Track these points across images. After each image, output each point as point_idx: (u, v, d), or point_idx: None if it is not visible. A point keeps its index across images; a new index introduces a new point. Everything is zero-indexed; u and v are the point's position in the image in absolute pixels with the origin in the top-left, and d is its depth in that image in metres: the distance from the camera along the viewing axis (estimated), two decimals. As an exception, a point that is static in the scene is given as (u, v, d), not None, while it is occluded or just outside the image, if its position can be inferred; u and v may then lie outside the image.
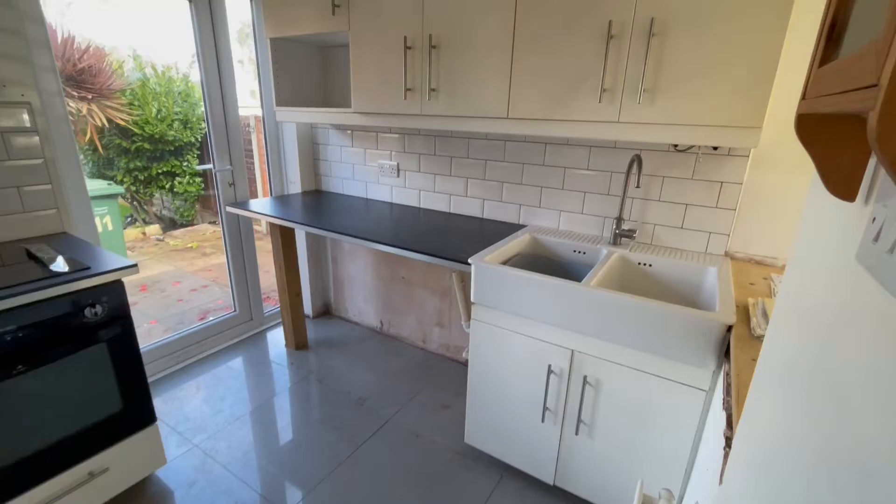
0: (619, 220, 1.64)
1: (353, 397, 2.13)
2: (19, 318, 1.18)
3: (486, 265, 1.44)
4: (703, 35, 1.18)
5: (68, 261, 1.35)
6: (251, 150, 5.10)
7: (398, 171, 2.31)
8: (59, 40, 4.19)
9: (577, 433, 1.43)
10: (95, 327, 1.34)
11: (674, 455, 1.27)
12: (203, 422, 1.95)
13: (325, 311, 2.99)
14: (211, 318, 2.60)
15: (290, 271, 2.39)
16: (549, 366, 1.41)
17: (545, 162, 1.86)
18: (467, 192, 2.12)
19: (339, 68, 2.36)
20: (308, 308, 2.88)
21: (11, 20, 1.49)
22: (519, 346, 1.47)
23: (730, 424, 0.80)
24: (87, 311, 1.30)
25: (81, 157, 1.73)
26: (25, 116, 1.55)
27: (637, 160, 1.50)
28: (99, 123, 4.49)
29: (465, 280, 2.18)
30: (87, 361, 1.34)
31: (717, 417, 1.01)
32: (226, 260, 2.57)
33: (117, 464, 1.46)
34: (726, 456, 0.75)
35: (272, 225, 2.25)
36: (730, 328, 1.09)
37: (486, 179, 2.04)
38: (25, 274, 1.26)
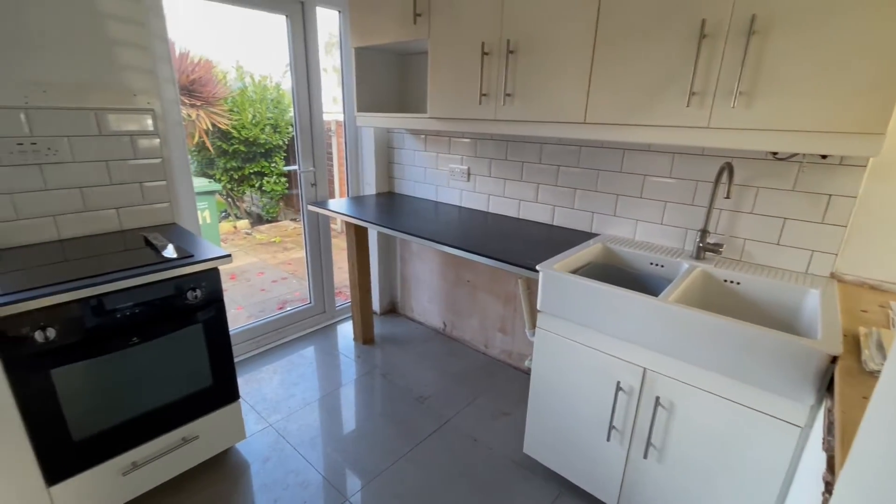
0: (704, 232, 1.52)
1: (415, 395, 2.18)
2: (136, 297, 1.36)
3: (554, 273, 1.41)
4: (814, 31, 1.07)
5: (177, 248, 1.53)
6: (331, 154, 5.42)
7: (468, 175, 2.34)
8: (177, 54, 4.77)
9: (645, 457, 1.34)
10: (194, 309, 1.50)
11: (758, 494, 1.15)
12: (278, 404, 2.10)
13: (392, 309, 3.09)
14: (289, 308, 2.80)
15: (362, 268, 2.50)
16: (618, 382, 1.34)
17: (623, 168, 1.78)
18: (538, 197, 2.08)
19: (416, 75, 2.43)
20: (376, 305, 3.00)
21: (143, 38, 1.72)
22: (586, 358, 1.41)
23: (831, 468, 0.71)
24: (189, 294, 1.47)
25: (189, 157, 1.95)
26: (149, 121, 1.78)
27: (728, 168, 1.38)
28: (204, 127, 5.03)
29: (531, 287, 2.14)
30: (186, 339, 1.51)
31: (814, 458, 0.90)
32: (304, 255, 2.76)
33: (205, 433, 1.62)
34: (825, 503, 0.67)
35: (348, 224, 2.38)
36: (834, 359, 0.96)
37: (557, 185, 2.00)
38: (143, 258, 1.45)
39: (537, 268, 1.45)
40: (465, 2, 1.69)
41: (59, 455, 1.29)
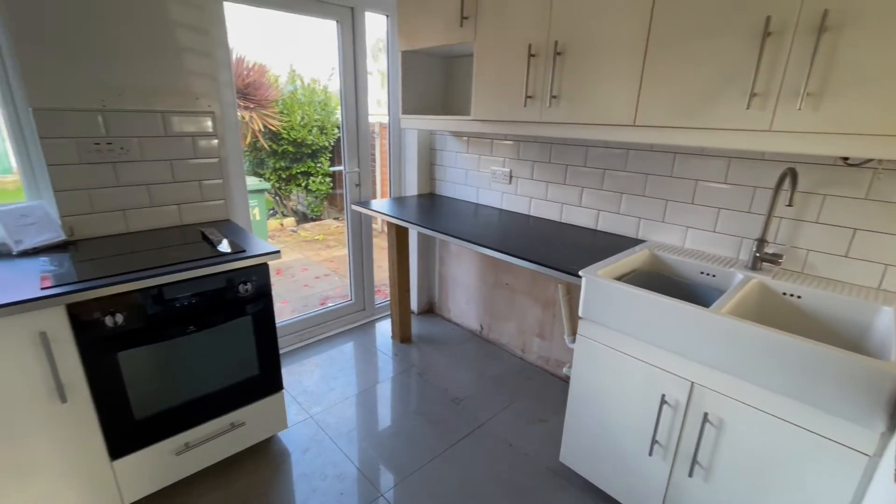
0: (762, 241, 1.44)
1: (451, 396, 2.18)
2: (194, 287, 1.45)
3: (598, 279, 1.37)
4: (893, 27, 0.98)
5: (230, 243, 1.61)
6: (373, 155, 5.54)
7: (510, 177, 2.32)
8: (234, 59, 5.03)
9: (690, 475, 1.28)
10: (245, 301, 1.58)
11: (817, 524, 1.07)
12: (318, 396, 2.17)
13: (429, 309, 3.12)
14: (330, 305, 2.89)
15: (402, 268, 2.54)
16: (663, 396, 1.29)
17: (673, 173, 1.71)
18: (581, 201, 2.04)
19: (461, 78, 2.45)
20: (414, 304, 3.03)
21: (206, 45, 1.83)
22: (629, 368, 1.37)
23: (906, 502, 0.65)
24: (241, 288, 1.54)
25: (242, 157, 2.06)
26: (209, 123, 1.89)
27: (791, 174, 1.30)
28: (257, 128, 5.28)
29: (571, 293, 2.10)
30: (237, 330, 1.59)
31: (884, 490, 0.83)
32: (347, 253, 2.84)
33: (251, 421, 1.70)
34: (898, 539, 0.61)
35: (389, 224, 2.42)
36: (911, 384, 0.88)
37: (603, 189, 1.95)
38: (200, 252, 1.54)
39: (580, 273, 1.42)
40: (513, 4, 1.68)
41: (122, 432, 1.40)
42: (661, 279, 1.64)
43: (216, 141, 1.92)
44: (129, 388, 1.38)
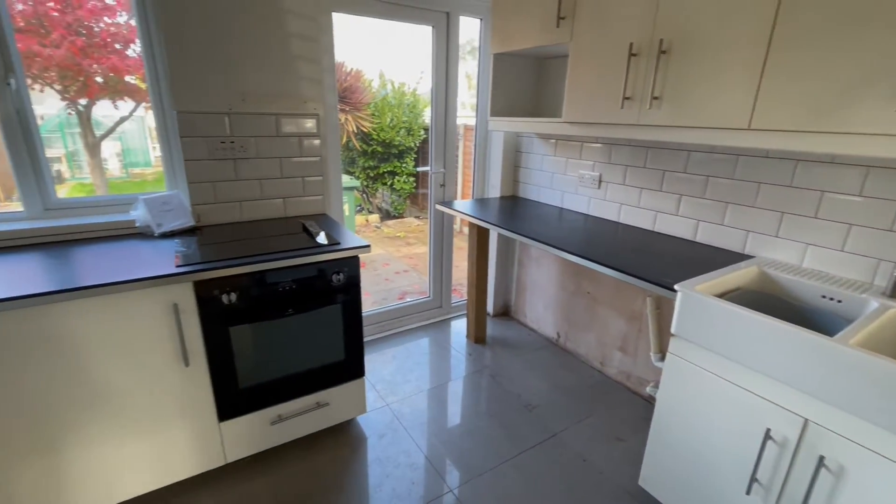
0: (907, 265, 1.23)
1: (523, 402, 2.15)
2: (293, 274, 1.59)
3: (696, 295, 1.27)
4: None
5: (327, 236, 1.74)
6: (456, 156, 5.63)
7: (599, 182, 2.23)
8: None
9: (797, 523, 1.14)
10: (336, 290, 1.70)
11: None
12: (395, 386, 2.26)
13: (504, 312, 3.10)
14: (408, 300, 2.99)
15: (481, 269, 2.56)
16: (768, 430, 1.16)
17: (793, 182, 1.53)
18: (678, 210, 1.90)
19: (552, 79, 2.40)
20: (490, 306, 3.03)
21: (315, 52, 1.99)
22: (727, 395, 1.25)
23: None
24: (334, 277, 1.66)
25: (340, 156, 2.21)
26: (314, 124, 2.06)
27: (953, 188, 1.09)
28: (351, 129, 5.63)
29: (661, 307, 1.96)
30: (328, 316, 1.71)
31: None
32: (428, 250, 2.92)
33: (335, 402, 1.82)
34: None
35: (470, 224, 2.45)
36: None
37: (704, 198, 1.79)
38: (301, 242, 1.68)
39: (675, 287, 1.32)
40: (616, 2, 1.61)
41: (229, 398, 1.58)
42: (770, 300, 1.47)
43: (318, 141, 2.09)
44: (236, 360, 1.55)
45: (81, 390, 1.31)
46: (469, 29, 2.66)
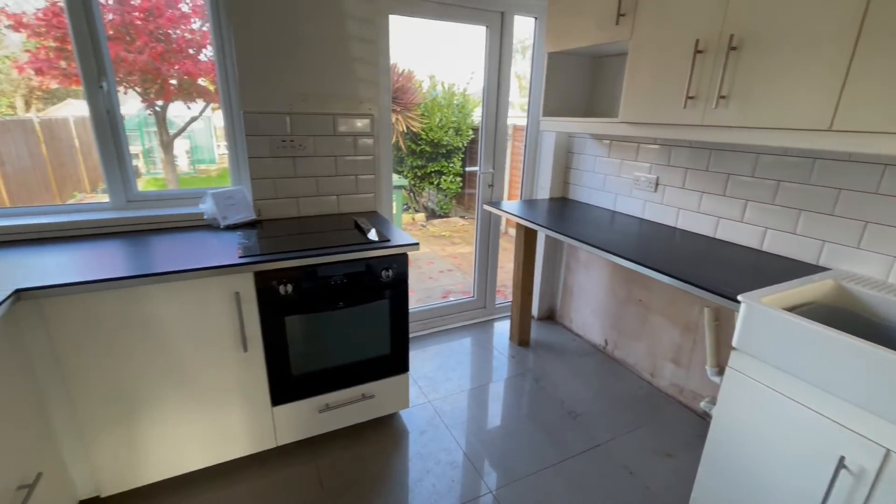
0: None
1: (567, 408, 2.11)
2: (345, 269, 1.64)
3: (762, 308, 1.19)
4: None
5: (378, 233, 1.79)
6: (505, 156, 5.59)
7: (656, 185, 2.13)
8: (387, 67, 5.55)
9: (873, 563, 1.04)
10: (385, 286, 1.74)
11: None
12: (436, 384, 2.28)
13: (549, 316, 3.04)
14: (452, 299, 3.01)
15: (527, 271, 2.53)
16: (842, 458, 1.06)
17: (879, 189, 1.39)
18: (744, 216, 1.78)
19: (608, 78, 2.33)
20: (535, 309, 2.99)
21: (372, 54, 2.05)
22: (793, 417, 1.16)
23: None
24: (383, 273, 1.70)
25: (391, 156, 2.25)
26: (369, 124, 2.11)
27: None
28: (401, 129, 5.75)
29: (720, 319, 1.85)
30: (376, 311, 1.76)
31: None
32: (473, 250, 2.92)
33: (379, 395, 1.87)
34: None
35: (518, 225, 2.43)
36: None
37: (774, 204, 1.67)
38: (353, 238, 1.74)
39: (738, 298, 1.24)
40: (681, -4, 1.54)
41: (282, 384, 1.66)
42: (847, 317, 1.35)
43: (372, 140, 2.15)
44: (290, 348, 1.63)
45: (157, 368, 1.43)
46: (520, 28, 2.63)
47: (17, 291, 1.18)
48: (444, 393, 2.21)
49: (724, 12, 1.42)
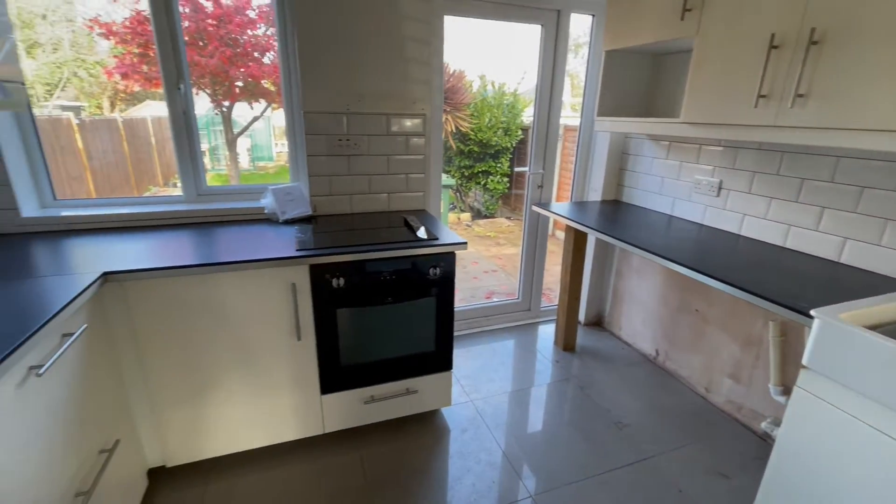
0: None
1: (613, 418, 2.04)
2: (395, 265, 1.68)
3: (839, 324, 1.09)
4: None
5: (427, 231, 1.81)
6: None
7: (719, 189, 2.02)
8: (438, 67, 5.60)
9: None
10: (432, 284, 1.76)
11: None
12: (479, 384, 2.28)
13: (597, 322, 2.95)
14: (495, 300, 2.99)
15: (575, 275, 2.47)
16: (930, 495, 0.96)
17: None
18: (819, 225, 1.65)
19: (668, 77, 2.23)
20: (582, 314, 2.92)
21: (426, 54, 2.08)
22: (872, 445, 1.06)
23: None
24: (431, 271, 1.73)
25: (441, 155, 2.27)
26: (421, 123, 2.15)
27: None
28: (450, 129, 5.78)
29: (787, 335, 1.73)
30: (423, 308, 1.78)
31: None
32: (520, 252, 2.89)
33: (423, 390, 1.89)
34: None
35: (567, 228, 2.38)
36: None
37: (856, 213, 1.53)
38: (402, 235, 1.77)
39: (812, 313, 1.15)
40: (756, -12, 1.45)
41: (331, 373, 1.72)
42: (942, 340, 1.21)
43: (423, 140, 2.18)
44: (340, 339, 1.68)
45: (222, 350, 1.53)
46: (573, 26, 2.57)
47: (105, 274, 1.30)
48: (486, 393, 2.21)
49: (805, 4, 1.32)
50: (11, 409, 0.92)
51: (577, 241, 2.41)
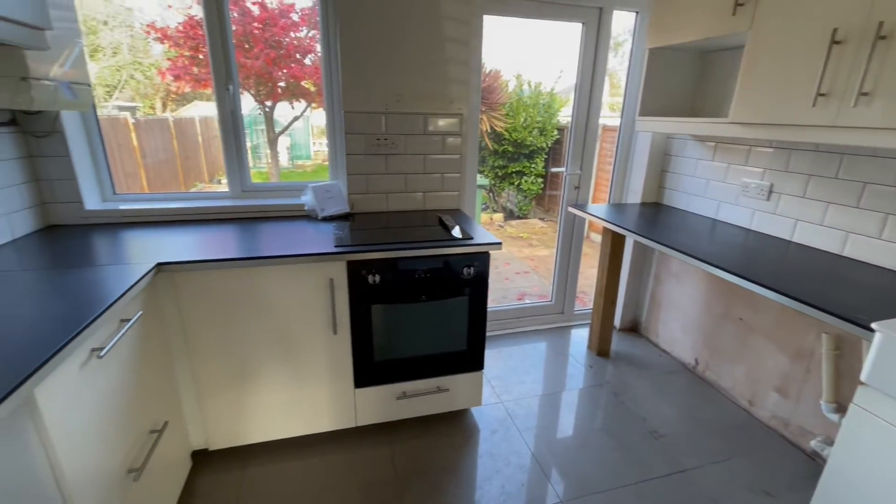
0: None
1: (648, 427, 1.98)
2: (429, 264, 1.69)
3: (905, 339, 1.02)
4: None
5: (461, 230, 1.82)
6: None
7: (769, 193, 1.92)
8: (474, 67, 5.59)
9: None
10: (465, 283, 1.76)
11: None
12: (510, 385, 2.27)
13: (633, 328, 2.87)
14: (527, 301, 2.96)
15: (612, 278, 2.41)
16: None
17: None
18: (882, 233, 1.54)
19: (716, 75, 2.13)
20: (617, 319, 2.84)
21: (466, 55, 2.08)
22: (941, 471, 0.98)
23: None
24: (464, 270, 1.73)
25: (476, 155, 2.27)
26: (458, 123, 2.15)
27: None
28: (484, 129, 5.77)
29: (840, 348, 1.62)
30: (455, 307, 1.79)
31: None
32: (554, 253, 2.85)
33: (454, 389, 1.90)
34: None
35: (605, 230, 2.32)
36: None
37: (925, 220, 1.42)
38: (437, 234, 1.78)
39: (873, 326, 1.08)
40: (817, -19, 1.37)
41: (365, 368, 1.75)
42: None
43: (460, 139, 2.18)
44: (374, 335, 1.72)
45: (264, 340, 1.59)
46: (614, 24, 2.50)
47: (158, 265, 1.38)
48: (517, 395, 2.19)
49: (872, -4, 1.23)
50: (75, 388, 0.99)
51: (614, 244, 2.35)
